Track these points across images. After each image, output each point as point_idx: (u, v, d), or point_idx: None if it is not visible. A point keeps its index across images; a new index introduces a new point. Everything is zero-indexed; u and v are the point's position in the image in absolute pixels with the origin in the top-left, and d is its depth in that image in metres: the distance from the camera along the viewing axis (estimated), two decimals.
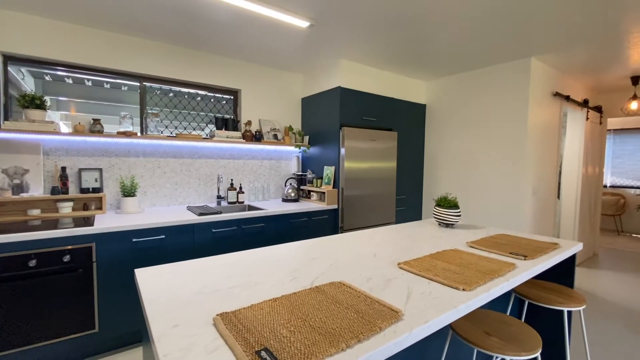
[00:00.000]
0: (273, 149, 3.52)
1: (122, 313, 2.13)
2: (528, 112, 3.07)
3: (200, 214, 2.44)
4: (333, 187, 3.19)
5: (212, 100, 3.22)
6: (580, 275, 3.80)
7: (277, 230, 2.78)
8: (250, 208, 3.03)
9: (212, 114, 3.23)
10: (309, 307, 0.93)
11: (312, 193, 3.35)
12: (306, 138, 3.56)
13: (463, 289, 1.09)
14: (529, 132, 3.10)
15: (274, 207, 2.94)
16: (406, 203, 3.88)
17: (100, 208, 2.53)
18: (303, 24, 2.33)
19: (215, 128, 3.07)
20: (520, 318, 1.96)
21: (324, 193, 3.20)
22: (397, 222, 3.76)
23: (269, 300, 0.98)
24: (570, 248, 1.67)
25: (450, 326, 1.27)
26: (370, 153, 3.34)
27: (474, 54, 2.99)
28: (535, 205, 3.30)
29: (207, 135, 3.15)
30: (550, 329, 1.86)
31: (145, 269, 1.27)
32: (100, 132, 2.45)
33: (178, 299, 1.00)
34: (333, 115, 3.21)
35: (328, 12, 2.20)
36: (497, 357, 1.63)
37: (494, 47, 2.82)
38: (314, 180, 3.36)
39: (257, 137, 3.21)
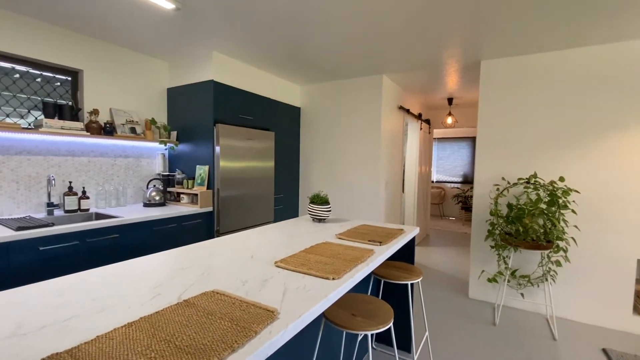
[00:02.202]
0: (130, 144, 3.00)
1: None
2: (381, 120, 3.63)
3: (19, 228, 1.85)
4: (207, 188, 2.97)
5: (38, 80, 2.49)
6: (418, 253, 4.77)
7: (137, 241, 2.39)
8: (99, 216, 2.50)
9: (39, 98, 2.50)
10: (175, 326, 0.82)
11: (182, 195, 3.03)
12: (174, 134, 3.20)
13: (333, 278, 1.19)
14: (382, 137, 3.67)
15: (133, 213, 2.51)
16: (284, 201, 3.99)
17: None
18: (167, 5, 2.07)
19: (43, 116, 2.39)
20: (378, 295, 2.30)
21: (196, 195, 2.94)
22: (276, 220, 3.83)
23: (121, 326, 0.82)
24: (411, 232, 2.05)
25: (323, 314, 1.37)
26: (247, 152, 3.27)
27: (340, 66, 3.32)
28: (387, 198, 3.94)
29: (30, 124, 2.42)
30: (400, 301, 2.25)
31: None
32: None
33: None
34: (206, 111, 2.99)
35: None
36: (361, 334, 1.85)
37: (355, 62, 3.21)
38: (185, 181, 3.05)
39: (108, 130, 2.67)
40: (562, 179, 2.63)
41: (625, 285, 2.62)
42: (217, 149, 2.95)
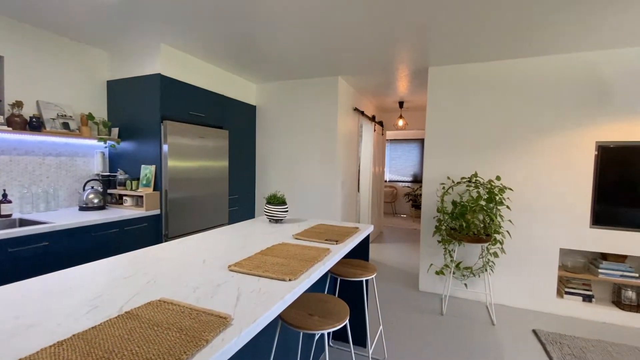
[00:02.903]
0: (63, 142, 2.69)
1: None
2: (337, 121, 3.69)
3: None
4: (154, 190, 2.77)
5: None
6: (373, 250, 4.94)
7: (72, 250, 2.15)
8: (24, 223, 2.21)
9: None
10: (115, 341, 0.75)
11: (125, 198, 2.79)
12: (115, 130, 2.93)
13: (289, 279, 1.17)
14: (338, 138, 3.73)
15: (66, 218, 2.26)
16: (239, 202, 3.87)
17: None
18: None
19: None
20: (335, 293, 2.33)
21: (141, 197, 2.73)
22: (231, 222, 3.70)
23: (50, 346, 0.72)
24: (366, 230, 2.12)
25: (279, 316, 1.35)
26: (199, 151, 3.11)
27: (296, 65, 3.31)
28: (343, 197, 4.02)
29: None
30: (355, 297, 2.31)
31: None
32: None
33: None
34: (152, 106, 2.78)
35: None
36: (318, 333, 1.86)
37: (311, 63, 3.22)
38: (128, 182, 2.81)
39: (34, 125, 2.37)
40: (498, 178, 2.89)
41: (550, 272, 2.96)
42: (165, 147, 2.77)
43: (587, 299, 2.90)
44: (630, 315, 2.73)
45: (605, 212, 2.78)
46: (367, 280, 2.31)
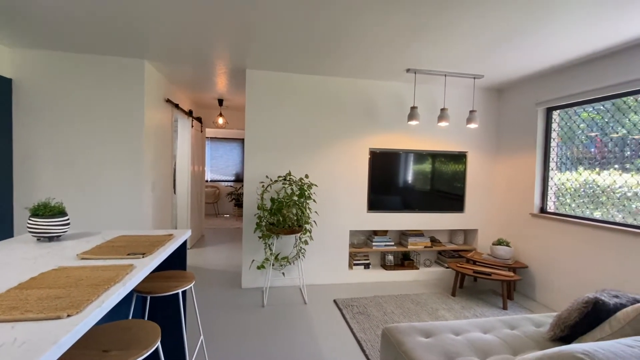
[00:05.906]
0: None
1: None
2: (144, 111, 3.17)
3: None
4: None
5: None
6: (193, 256, 4.60)
7: None
8: None
9: None
10: None
11: None
12: None
13: (68, 315, 0.89)
14: (145, 132, 3.21)
15: None
16: None
17: None
18: None
19: None
20: (143, 316, 1.99)
21: None
22: None
23: None
24: (182, 236, 1.92)
25: None
26: None
27: (80, 34, 2.58)
28: (154, 201, 3.52)
29: None
30: (171, 313, 2.06)
31: None
32: None
33: None
34: None
35: None
36: None
37: (104, 36, 2.60)
38: None
39: None
40: (307, 176, 3.33)
41: (343, 250, 3.69)
42: None
43: (367, 266, 3.82)
44: (391, 273, 3.81)
45: (375, 200, 3.76)
46: (184, 292, 2.11)
